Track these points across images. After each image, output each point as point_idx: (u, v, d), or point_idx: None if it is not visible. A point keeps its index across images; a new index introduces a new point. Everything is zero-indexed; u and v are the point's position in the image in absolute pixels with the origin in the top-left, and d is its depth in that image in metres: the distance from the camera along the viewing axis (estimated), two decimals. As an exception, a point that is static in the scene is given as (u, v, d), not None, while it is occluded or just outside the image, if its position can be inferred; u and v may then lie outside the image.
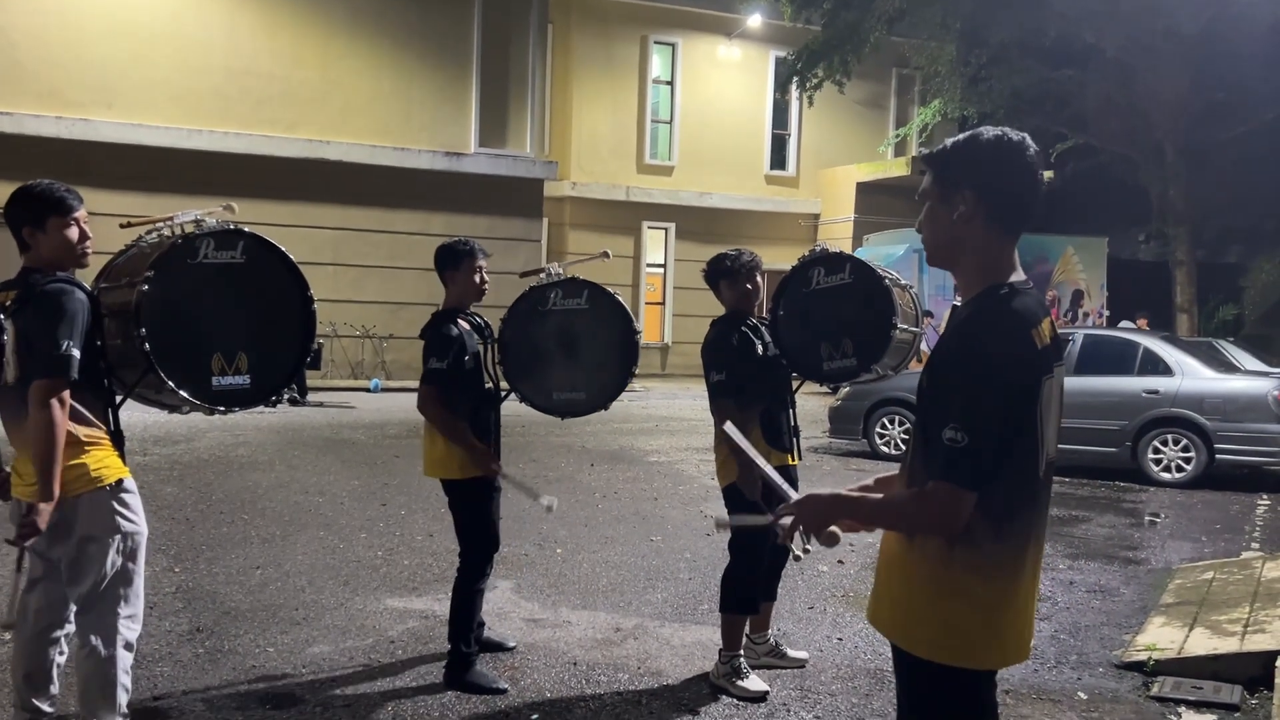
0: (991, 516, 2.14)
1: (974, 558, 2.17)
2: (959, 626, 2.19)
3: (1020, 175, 2.22)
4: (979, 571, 2.17)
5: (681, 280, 23.31)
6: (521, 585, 6.01)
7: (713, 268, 4.65)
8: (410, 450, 10.91)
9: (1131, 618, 5.72)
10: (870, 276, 4.65)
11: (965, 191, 2.20)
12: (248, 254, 3.74)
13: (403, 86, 18.97)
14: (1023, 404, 2.12)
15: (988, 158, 2.21)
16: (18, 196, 3.34)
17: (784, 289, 4.77)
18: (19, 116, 16.22)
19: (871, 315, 4.57)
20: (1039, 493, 2.24)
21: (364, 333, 18.46)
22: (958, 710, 2.28)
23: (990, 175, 2.21)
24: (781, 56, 22.29)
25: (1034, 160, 2.23)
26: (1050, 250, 20.72)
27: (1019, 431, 2.13)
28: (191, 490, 8.37)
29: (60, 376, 3.16)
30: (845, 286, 4.65)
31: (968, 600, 2.18)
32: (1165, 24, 16.85)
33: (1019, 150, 2.20)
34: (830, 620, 5.53)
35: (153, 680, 4.33)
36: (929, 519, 2.15)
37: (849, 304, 4.63)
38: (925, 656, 2.23)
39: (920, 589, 2.23)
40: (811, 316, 4.69)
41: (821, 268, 4.69)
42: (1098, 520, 8.50)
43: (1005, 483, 2.13)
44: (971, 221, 2.21)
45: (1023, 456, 2.15)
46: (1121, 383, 10.55)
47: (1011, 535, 2.19)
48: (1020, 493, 2.18)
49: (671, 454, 11.43)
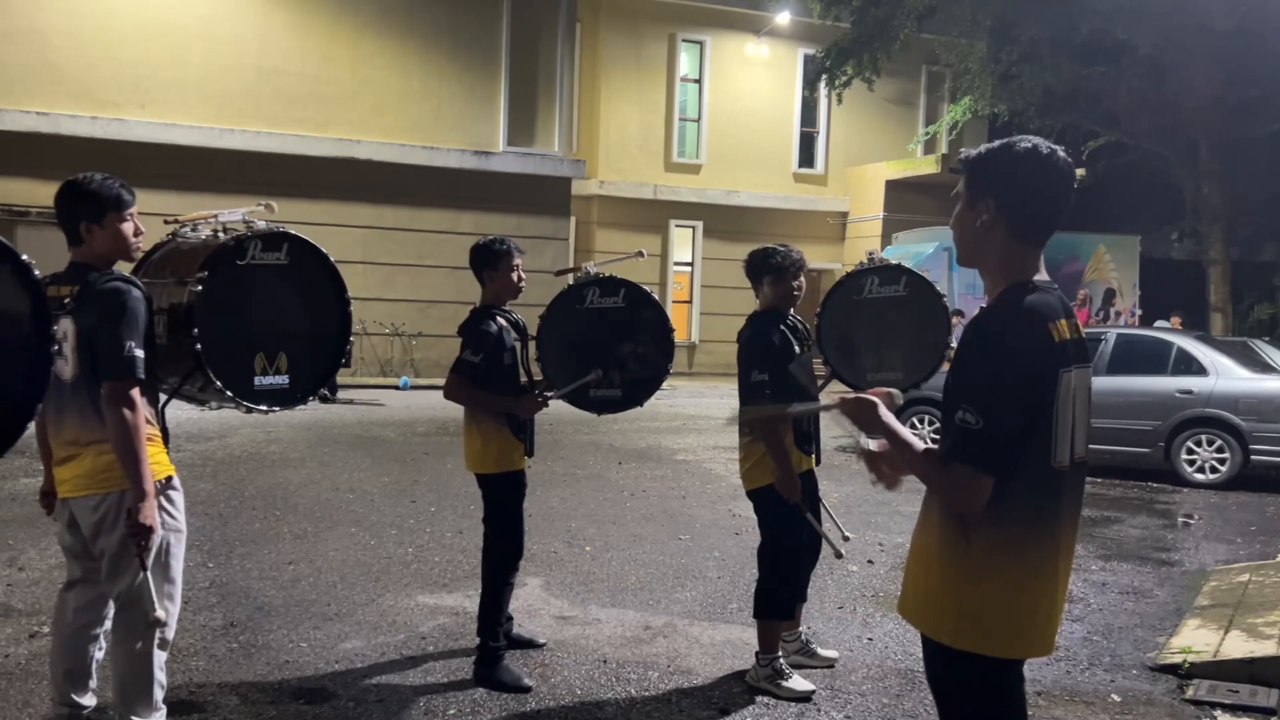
0: (1010, 504, 2.20)
1: (993, 545, 2.23)
2: (980, 613, 2.25)
3: (1046, 189, 2.27)
4: (998, 559, 2.23)
5: (709, 279, 23.31)
6: (551, 583, 6.03)
7: (759, 262, 4.51)
8: (439, 448, 10.98)
9: (1165, 620, 5.66)
10: (928, 294, 4.63)
11: (989, 201, 2.27)
12: (291, 255, 3.79)
13: (432, 85, 19.06)
14: (1039, 392, 2.18)
15: (1015, 171, 2.26)
16: (74, 191, 3.35)
17: (835, 293, 4.77)
18: (55, 117, 16.43)
19: (924, 334, 4.56)
20: (1060, 484, 2.28)
21: (393, 330, 18.57)
22: (983, 698, 2.32)
23: (1015, 189, 2.27)
24: (810, 54, 22.23)
25: (1064, 173, 2.28)
26: (1082, 249, 20.54)
27: (1035, 419, 2.19)
28: (225, 486, 8.46)
29: (130, 377, 3.19)
30: (899, 299, 4.64)
31: (989, 588, 2.24)
32: (1198, 20, 16.64)
33: (1049, 164, 2.25)
34: (860, 620, 5.51)
35: (188, 674, 4.38)
36: (948, 494, 2.23)
37: (901, 317, 4.61)
38: (949, 643, 2.29)
39: (943, 576, 2.30)
40: (859, 324, 4.68)
41: (876, 277, 4.68)
42: (1130, 521, 8.42)
43: (1023, 471, 2.19)
44: (993, 230, 2.29)
45: (1039, 446, 2.21)
46: (1155, 383, 10.44)
47: (1030, 524, 2.24)
48: (1038, 482, 2.23)
49: (699, 453, 11.42)
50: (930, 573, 2.33)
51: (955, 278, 17.87)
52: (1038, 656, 2.39)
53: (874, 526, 7.82)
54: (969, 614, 2.25)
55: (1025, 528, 2.23)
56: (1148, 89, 18.83)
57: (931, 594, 2.33)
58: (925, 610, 2.36)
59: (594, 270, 4.94)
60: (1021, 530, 2.23)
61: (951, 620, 2.28)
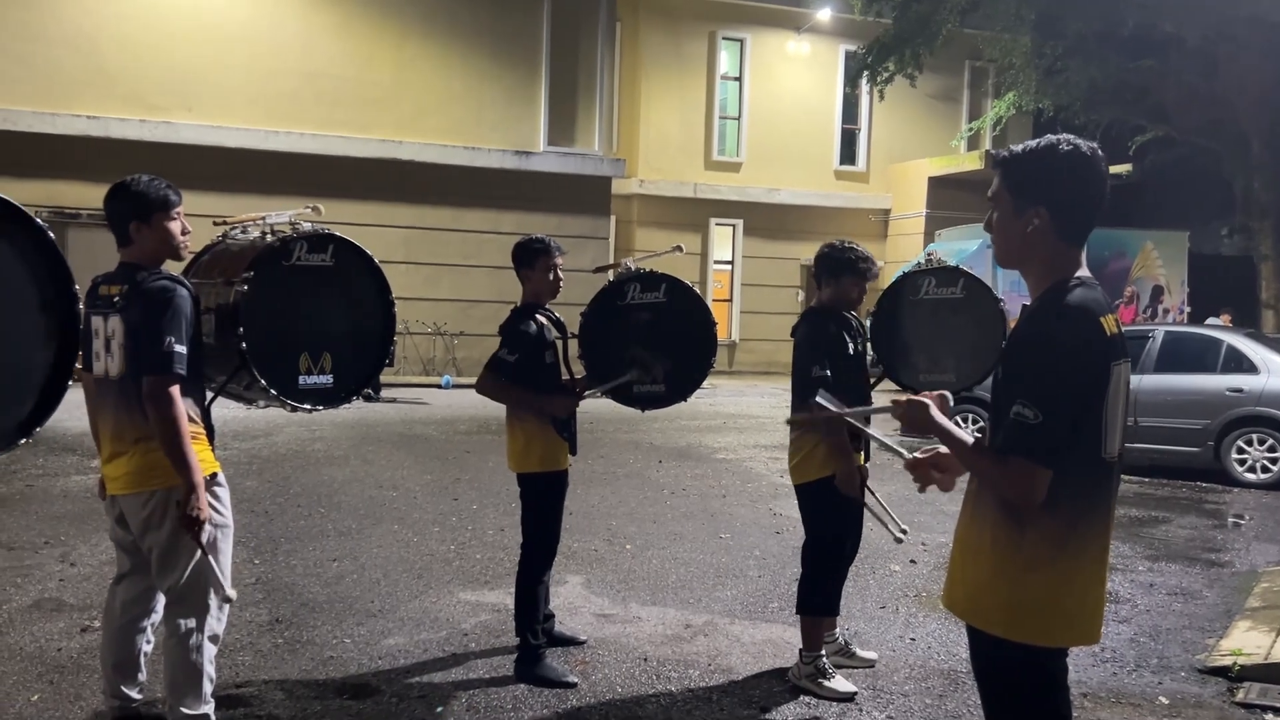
0: (1064, 496, 2.23)
1: (1046, 536, 2.26)
2: (1032, 604, 2.28)
3: (1091, 190, 2.32)
4: (1051, 550, 2.26)
5: (749, 277, 23.23)
6: (591, 581, 6.05)
7: (839, 260, 4.44)
8: (481, 446, 11.04)
9: (1215, 621, 5.57)
10: (985, 298, 4.59)
11: (1039, 208, 2.31)
12: (336, 257, 3.84)
13: (473, 86, 19.18)
14: (1093, 385, 2.23)
15: (1062, 176, 2.30)
16: (122, 192, 3.43)
17: (891, 292, 4.75)
18: (105, 120, 16.73)
19: (980, 338, 4.52)
20: (1106, 476, 2.32)
21: (435, 330, 18.70)
22: (1031, 689, 2.36)
23: (1063, 192, 2.31)
24: (851, 50, 22.08)
25: (1104, 172, 2.34)
26: (1129, 245, 20.22)
27: (1088, 413, 2.23)
28: (270, 484, 8.57)
29: (168, 373, 3.25)
30: (955, 301, 4.61)
31: (1042, 578, 2.27)
32: (1249, 11, 16.32)
33: (1091, 165, 2.30)
34: (903, 620, 5.47)
35: (234, 669, 4.44)
36: (1006, 488, 2.25)
37: (956, 319, 4.58)
38: (993, 632, 2.31)
39: (995, 568, 2.32)
40: (913, 324, 4.65)
41: (934, 278, 4.65)
42: (1178, 521, 8.29)
43: (1076, 463, 2.23)
44: (1044, 234, 2.32)
45: (1090, 437, 2.25)
46: (1204, 381, 10.27)
47: (1082, 514, 2.28)
48: (1087, 473, 2.28)
49: (739, 451, 11.40)
50: (980, 565, 2.36)
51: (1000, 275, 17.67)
52: (1086, 644, 2.42)
53: (917, 526, 7.76)
54: (1021, 605, 2.28)
55: (1078, 518, 2.27)
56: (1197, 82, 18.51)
57: (982, 586, 2.36)
58: (975, 602, 2.38)
59: (634, 266, 4.94)
60: (1074, 521, 2.27)
61: (1004, 612, 2.30)
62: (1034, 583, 2.26)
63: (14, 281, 3.16)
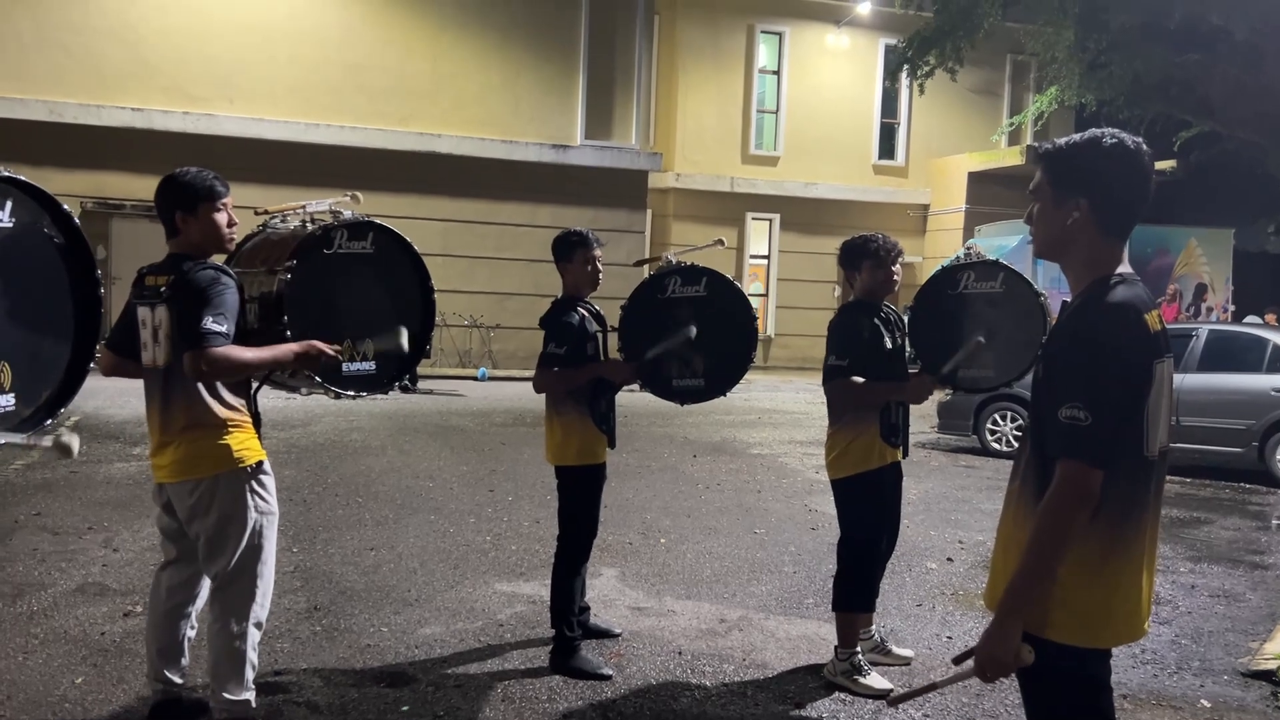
0: (1109, 495, 2.20)
1: (1086, 535, 2.21)
2: (1077, 604, 2.25)
3: (1134, 184, 2.29)
4: (1092, 548, 2.23)
5: (786, 272, 23.14)
6: (626, 574, 6.06)
7: (858, 248, 4.50)
8: (516, 438, 11.09)
9: (1258, 624, 5.49)
10: (1025, 293, 4.54)
11: (1081, 200, 2.28)
12: (376, 244, 3.87)
13: (511, 79, 19.23)
14: (1137, 383, 2.20)
15: (1106, 168, 2.27)
16: (170, 184, 3.48)
17: (930, 286, 4.71)
18: (149, 112, 16.94)
19: (1020, 333, 4.47)
20: (1151, 474, 2.29)
21: (472, 322, 18.79)
22: (1075, 690, 2.31)
23: (1106, 185, 2.28)
24: (891, 44, 21.92)
25: (1149, 165, 2.30)
26: (1172, 242, 19.94)
27: (1134, 410, 2.20)
28: (308, 473, 8.65)
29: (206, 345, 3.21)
30: (995, 296, 4.56)
31: (1087, 578, 2.24)
32: (1300, 3, 16.02)
33: (1135, 158, 2.27)
34: (939, 618, 5.44)
35: (273, 656, 4.48)
36: (1070, 505, 2.17)
37: (995, 315, 4.53)
38: (1039, 634, 2.26)
39: None
40: (953, 320, 4.60)
41: (973, 272, 4.61)
42: (1221, 523, 8.17)
43: (1121, 462, 2.20)
44: (1085, 227, 2.30)
45: (1134, 436, 2.23)
46: (1248, 380, 10.11)
47: (1126, 513, 2.25)
48: (1134, 472, 2.25)
49: (774, 447, 11.37)
50: None
51: (1040, 271, 17.48)
52: (1131, 642, 2.39)
53: (953, 524, 7.71)
54: (1066, 605, 2.24)
55: (1122, 517, 2.24)
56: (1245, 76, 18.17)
57: None
58: None
59: (674, 259, 4.92)
60: (1119, 519, 2.24)
61: (1047, 612, 2.26)
62: (1078, 583, 2.23)
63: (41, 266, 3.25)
